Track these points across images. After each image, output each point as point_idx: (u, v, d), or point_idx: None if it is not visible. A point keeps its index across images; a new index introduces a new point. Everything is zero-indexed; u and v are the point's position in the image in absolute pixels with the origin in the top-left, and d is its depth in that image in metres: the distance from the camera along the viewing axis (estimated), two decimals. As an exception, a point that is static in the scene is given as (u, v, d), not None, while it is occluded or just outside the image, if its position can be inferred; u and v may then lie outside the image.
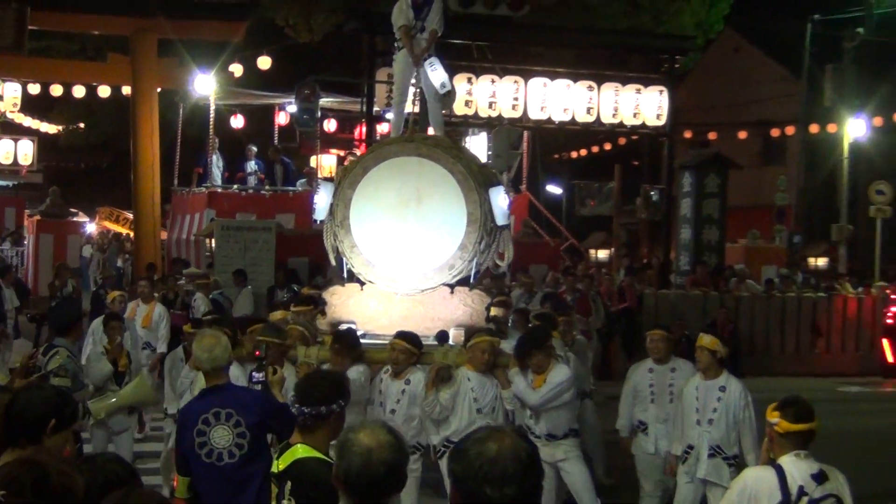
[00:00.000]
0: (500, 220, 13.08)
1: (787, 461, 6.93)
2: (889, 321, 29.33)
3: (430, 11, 14.04)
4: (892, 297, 29.99)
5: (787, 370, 25.89)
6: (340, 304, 12.95)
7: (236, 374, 10.52)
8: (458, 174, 12.73)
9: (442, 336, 12.13)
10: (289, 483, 6.13)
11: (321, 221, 13.59)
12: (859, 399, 25.08)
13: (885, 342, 28.96)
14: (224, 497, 7.81)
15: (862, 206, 35.91)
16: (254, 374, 9.64)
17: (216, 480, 7.84)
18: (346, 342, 11.18)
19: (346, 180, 13.09)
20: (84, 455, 5.98)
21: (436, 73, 14.20)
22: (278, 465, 6.31)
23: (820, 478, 6.87)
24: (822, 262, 40.80)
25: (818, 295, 30.40)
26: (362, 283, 13.04)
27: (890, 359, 28.95)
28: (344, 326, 12.18)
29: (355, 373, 10.87)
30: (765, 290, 29.99)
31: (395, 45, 14.57)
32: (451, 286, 12.89)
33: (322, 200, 13.28)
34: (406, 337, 11.16)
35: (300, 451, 6.23)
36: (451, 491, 4.23)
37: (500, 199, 13.01)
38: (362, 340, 12.11)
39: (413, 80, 14.58)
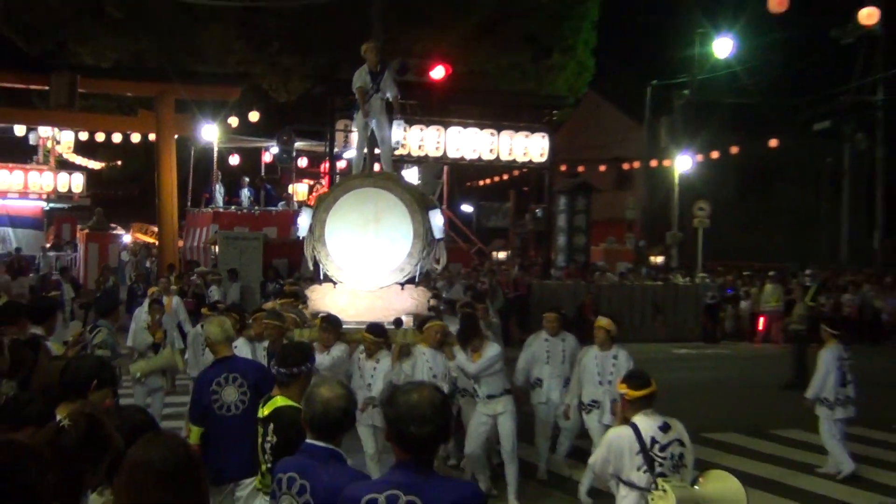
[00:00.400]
0: (438, 234, 13.26)
1: (639, 419, 6.95)
2: (708, 302, 29.72)
3: (383, 79, 13.97)
4: (710, 283, 30.44)
5: (637, 338, 26.08)
6: (318, 298, 13.01)
7: (245, 349, 10.74)
8: (406, 200, 12.92)
9: (398, 322, 12.15)
10: (271, 424, 6.17)
11: (302, 237, 13.51)
12: (688, 359, 25.31)
13: (705, 316, 29.42)
14: (232, 440, 7.76)
15: (688, 219, 36.25)
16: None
17: (227, 428, 7.80)
18: (333, 323, 11.14)
19: (321, 206, 13.20)
20: (118, 406, 5.98)
21: (398, 132, 14.52)
22: (263, 412, 6.34)
23: (665, 428, 6.92)
24: (660, 259, 41.17)
25: (657, 283, 30.76)
26: (335, 283, 13.11)
27: (708, 329, 29.41)
28: (323, 314, 12.07)
29: (339, 350, 10.97)
30: (619, 280, 30.26)
31: (356, 105, 14.45)
32: (402, 284, 13.01)
33: (304, 221, 13.36)
34: (373, 330, 11.11)
35: (279, 401, 6.21)
36: (386, 430, 4.36)
37: (437, 219, 13.18)
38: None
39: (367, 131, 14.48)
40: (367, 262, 13.01)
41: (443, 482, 4.34)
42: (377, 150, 15.27)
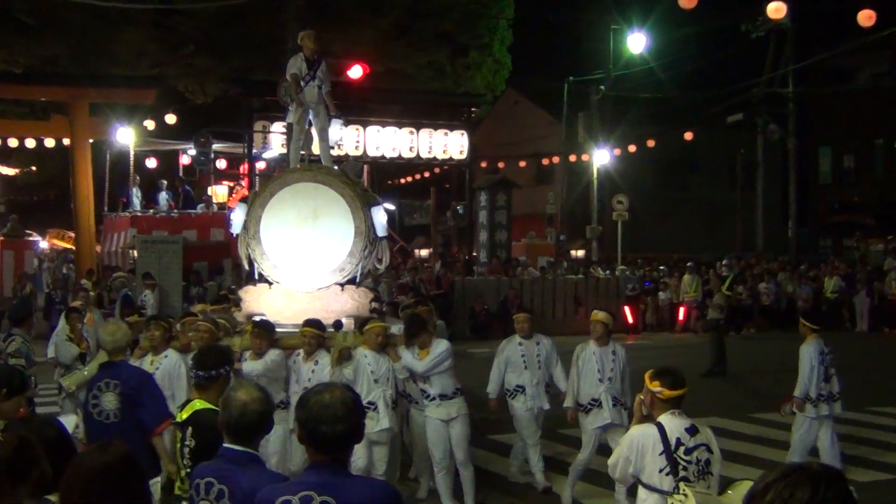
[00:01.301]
0: (380, 232, 12.60)
1: (665, 419, 6.47)
2: (629, 294, 30.09)
3: (319, 68, 13.20)
4: (630, 276, 30.81)
5: (559, 331, 26.24)
6: (253, 300, 12.32)
7: (174, 360, 10.36)
8: (347, 196, 12.19)
9: (338, 324, 11.53)
10: (190, 428, 6.09)
11: (236, 234, 12.83)
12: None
13: (627, 308, 29.74)
14: None
15: (607, 213, 36.60)
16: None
17: (106, 435, 7.51)
18: (265, 328, 10.58)
19: (257, 201, 12.46)
20: (25, 419, 5.88)
21: (336, 131, 13.84)
22: (181, 416, 6.26)
23: (692, 431, 6.48)
24: (580, 253, 41.53)
25: (578, 277, 31.07)
26: (270, 283, 12.38)
27: (630, 320, 29.76)
28: (257, 318, 11.50)
29: (274, 355, 10.46)
30: (541, 274, 30.52)
31: (291, 98, 13.58)
32: (342, 285, 12.31)
33: (238, 217, 12.61)
34: (313, 324, 10.65)
35: (198, 404, 6.18)
36: (297, 430, 4.32)
37: (379, 216, 12.53)
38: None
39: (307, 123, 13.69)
40: (304, 261, 12.32)
41: (358, 481, 4.39)
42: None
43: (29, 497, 3.91)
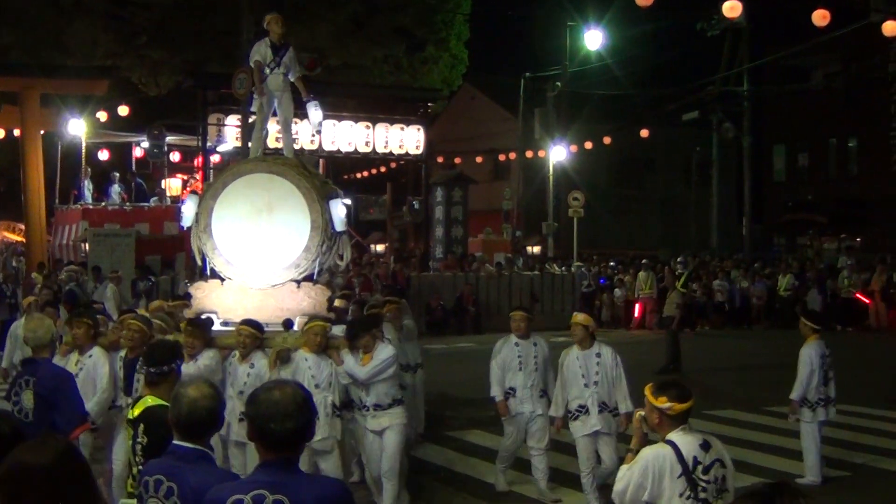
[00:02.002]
0: (339, 226, 11.88)
1: (677, 437, 5.91)
2: (584, 290, 30.18)
3: (286, 54, 12.36)
4: (585, 272, 30.89)
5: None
6: (204, 297, 11.68)
7: (101, 359, 9.98)
8: (303, 188, 11.50)
9: (287, 323, 10.96)
10: (142, 425, 5.94)
11: (188, 228, 12.14)
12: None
13: (582, 305, 29.85)
14: None
15: (563, 209, 36.63)
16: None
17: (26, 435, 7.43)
18: (199, 327, 10.05)
19: (208, 193, 11.85)
20: None
21: (316, 114, 12.87)
22: (133, 413, 6.11)
23: (706, 447, 5.93)
24: (537, 249, 41.67)
25: (534, 273, 31.13)
26: (222, 280, 11.73)
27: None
28: (205, 315, 11.06)
29: (208, 358, 9.83)
30: (497, 270, 30.53)
31: (254, 86, 12.85)
32: (298, 282, 11.65)
33: (189, 210, 11.91)
34: (250, 323, 10.03)
35: (149, 400, 6.03)
36: (248, 428, 4.26)
37: (338, 209, 11.83)
38: (223, 328, 11.16)
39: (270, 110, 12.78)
40: (258, 257, 11.69)
41: (309, 479, 4.33)
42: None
43: None
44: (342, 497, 4.23)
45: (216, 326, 11.06)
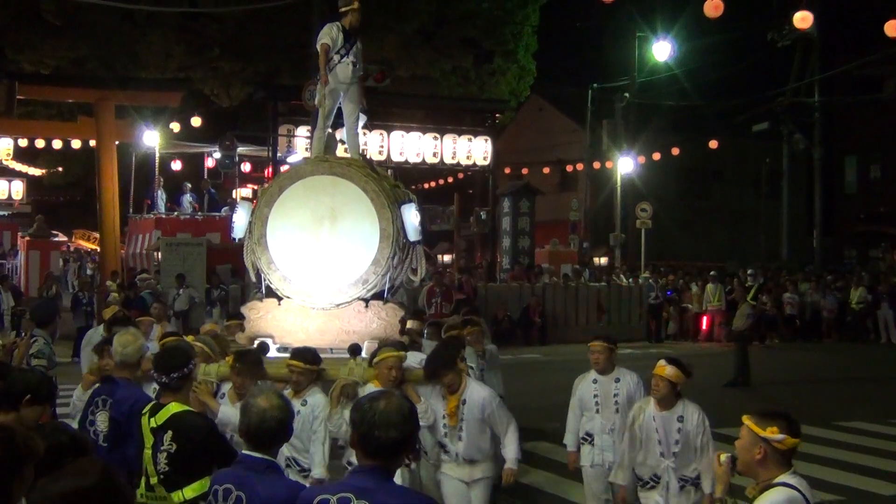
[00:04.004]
0: (412, 235, 10.43)
1: (794, 480, 4.79)
2: (651, 302, 29.97)
3: (355, 44, 11.01)
4: (652, 283, 30.67)
5: (580, 339, 26.19)
6: (259, 318, 10.33)
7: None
8: (370, 192, 10.15)
9: (354, 349, 9.42)
10: (169, 432, 5.85)
11: (239, 239, 10.78)
12: (633, 359, 25.35)
13: (649, 317, 29.71)
14: None
15: (631, 220, 36.50)
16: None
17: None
18: (250, 363, 8.13)
19: (262, 199, 10.52)
20: (41, 424, 5.64)
21: (360, 120, 11.50)
22: (156, 421, 5.95)
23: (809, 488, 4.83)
24: (604, 260, 41.44)
25: (601, 284, 30.96)
26: (279, 299, 10.33)
27: (653, 329, 29.68)
28: (258, 341, 9.94)
29: (317, 396, 8.17)
30: (563, 282, 30.43)
31: (317, 78, 11.48)
32: (366, 300, 10.22)
33: (240, 219, 10.55)
34: (302, 356, 8.19)
35: (174, 407, 5.98)
36: (350, 434, 4.37)
37: (412, 216, 10.37)
38: (280, 354, 9.63)
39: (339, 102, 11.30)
40: (320, 272, 10.24)
41: (399, 491, 4.37)
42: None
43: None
44: None
45: (272, 353, 9.86)
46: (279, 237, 10.31)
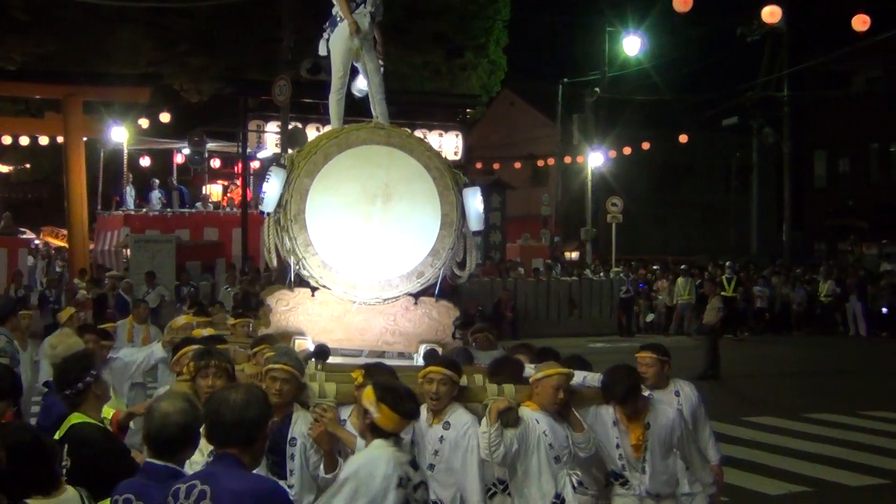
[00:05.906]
0: (475, 225, 8.93)
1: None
2: (622, 296, 30.08)
3: None
4: (624, 278, 30.80)
5: (552, 333, 26.32)
6: (287, 311, 8.54)
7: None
8: (433, 170, 8.65)
9: (431, 354, 7.96)
10: (66, 446, 5.33)
11: (267, 213, 8.67)
12: (604, 352, 25.49)
13: (620, 311, 29.82)
14: None
15: (602, 215, 36.64)
16: None
17: None
18: (293, 371, 6.29)
19: (302, 168, 8.57)
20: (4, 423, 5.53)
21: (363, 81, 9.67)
22: (59, 434, 5.52)
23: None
24: (575, 255, 41.57)
25: (572, 278, 31.07)
26: (314, 289, 8.60)
27: (624, 323, 29.81)
28: (316, 343, 8.15)
29: (465, 420, 6.41)
30: (534, 276, 30.51)
31: (326, 27, 9.34)
32: (415, 296, 8.67)
33: (272, 189, 8.52)
34: (444, 361, 6.62)
35: (74, 418, 5.56)
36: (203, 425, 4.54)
37: (476, 203, 8.90)
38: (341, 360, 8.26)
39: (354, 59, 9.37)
40: (368, 260, 8.63)
41: (241, 474, 4.32)
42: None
43: None
44: (269, 495, 4.35)
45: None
46: (321, 215, 8.59)
